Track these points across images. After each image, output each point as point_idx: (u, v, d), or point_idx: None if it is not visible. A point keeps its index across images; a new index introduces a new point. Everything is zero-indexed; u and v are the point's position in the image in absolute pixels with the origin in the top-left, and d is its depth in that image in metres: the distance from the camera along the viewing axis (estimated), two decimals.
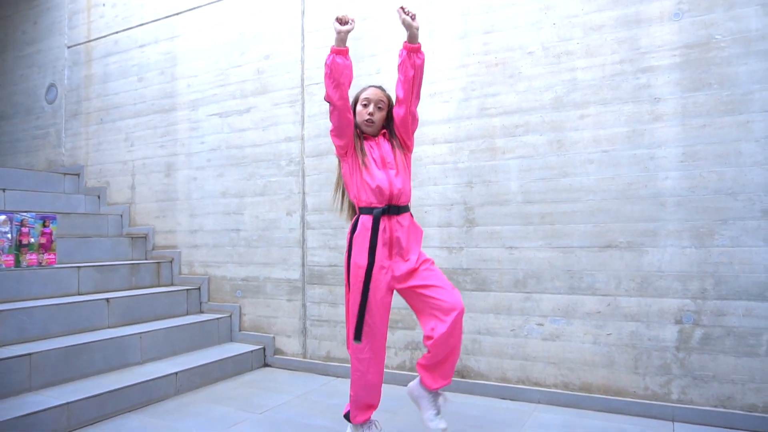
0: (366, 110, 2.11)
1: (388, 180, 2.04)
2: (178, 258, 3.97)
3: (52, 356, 2.62)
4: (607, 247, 2.62)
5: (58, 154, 4.77)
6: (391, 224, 2.05)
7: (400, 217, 2.06)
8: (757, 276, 2.33)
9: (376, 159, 2.08)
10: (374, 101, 2.11)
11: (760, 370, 2.31)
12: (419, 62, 2.03)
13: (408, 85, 2.06)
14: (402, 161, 2.10)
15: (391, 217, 2.05)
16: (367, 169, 2.06)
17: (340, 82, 2.00)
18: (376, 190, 2.03)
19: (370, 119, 2.10)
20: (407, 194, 2.10)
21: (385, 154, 2.09)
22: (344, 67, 2.01)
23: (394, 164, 2.08)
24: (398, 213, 2.06)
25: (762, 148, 2.34)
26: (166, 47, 4.14)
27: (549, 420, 2.47)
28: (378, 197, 2.04)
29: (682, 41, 2.49)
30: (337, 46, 2.00)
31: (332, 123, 2.08)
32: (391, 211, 2.04)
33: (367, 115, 2.10)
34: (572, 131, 2.71)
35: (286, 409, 2.67)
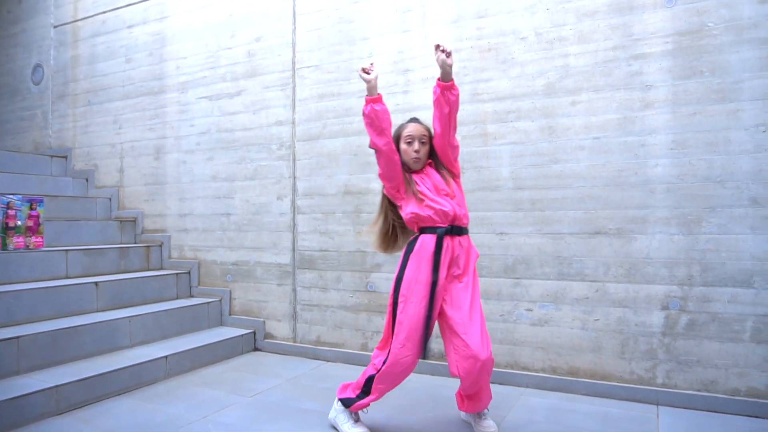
0: (411, 148, 2.14)
1: (450, 204, 2.09)
2: (167, 242, 3.95)
3: (41, 339, 2.61)
4: (596, 233, 2.64)
5: (45, 136, 4.70)
6: (453, 244, 2.09)
7: (461, 238, 2.11)
8: (743, 263, 2.36)
9: (429, 188, 2.12)
10: (417, 138, 2.14)
11: (744, 355, 2.35)
12: (453, 98, 2.08)
13: (444, 120, 2.10)
14: (454, 187, 2.14)
15: (453, 237, 2.09)
16: (426, 198, 2.09)
17: (382, 128, 2.07)
18: (440, 213, 2.07)
19: (416, 157, 2.14)
20: (467, 216, 2.15)
21: (437, 183, 2.13)
22: (383, 113, 2.07)
23: (448, 190, 2.12)
24: (459, 234, 2.11)
25: (751, 137, 2.35)
26: (154, 28, 4.07)
27: (536, 403, 2.51)
28: (442, 218, 2.08)
29: (674, 28, 2.49)
30: (370, 95, 2.07)
31: (380, 167, 2.13)
32: (453, 231, 2.09)
33: (413, 153, 2.13)
34: (564, 118, 2.71)
35: (276, 392, 2.68)
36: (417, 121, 2.22)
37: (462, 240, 2.11)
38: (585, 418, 2.32)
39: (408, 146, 2.14)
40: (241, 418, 2.34)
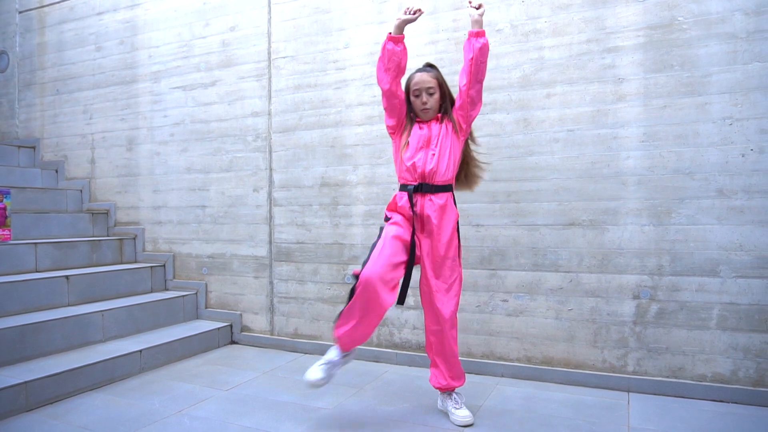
0: (419, 100, 2.18)
1: (423, 159, 2.13)
2: (141, 235, 3.88)
3: (8, 335, 2.54)
4: (570, 225, 2.68)
5: (11, 125, 4.55)
6: (423, 201, 2.15)
7: (434, 195, 2.15)
8: (710, 253, 2.43)
9: (421, 138, 2.17)
10: (424, 89, 2.18)
11: (710, 342, 2.43)
12: (479, 45, 2.12)
13: (468, 66, 2.14)
14: (447, 143, 2.17)
15: (425, 194, 2.14)
16: (407, 148, 2.17)
17: (389, 66, 2.12)
18: (411, 168, 2.15)
19: (425, 108, 2.18)
20: (443, 175, 2.16)
21: (433, 137, 2.17)
22: (393, 53, 2.12)
23: (437, 145, 2.15)
24: (432, 191, 2.14)
25: (718, 129, 2.41)
26: (125, 15, 3.97)
27: (512, 393, 2.54)
28: (411, 174, 2.15)
29: (646, 22, 2.53)
30: (393, 33, 2.14)
31: (384, 105, 2.21)
32: (424, 189, 2.14)
33: (421, 104, 2.18)
34: (539, 110, 2.73)
35: (253, 385, 2.67)
36: (427, 68, 2.24)
37: (435, 197, 2.14)
38: (559, 406, 2.36)
39: (416, 98, 2.19)
40: (217, 412, 2.32)
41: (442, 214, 2.15)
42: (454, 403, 2.22)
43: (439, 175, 2.14)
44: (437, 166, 2.14)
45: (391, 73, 2.14)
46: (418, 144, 2.16)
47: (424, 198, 2.15)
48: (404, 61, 2.16)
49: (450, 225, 2.17)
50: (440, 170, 2.14)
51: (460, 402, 2.22)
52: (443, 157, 2.15)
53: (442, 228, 2.15)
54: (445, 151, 2.16)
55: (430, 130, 2.18)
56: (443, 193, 2.16)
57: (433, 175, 2.14)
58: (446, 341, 2.20)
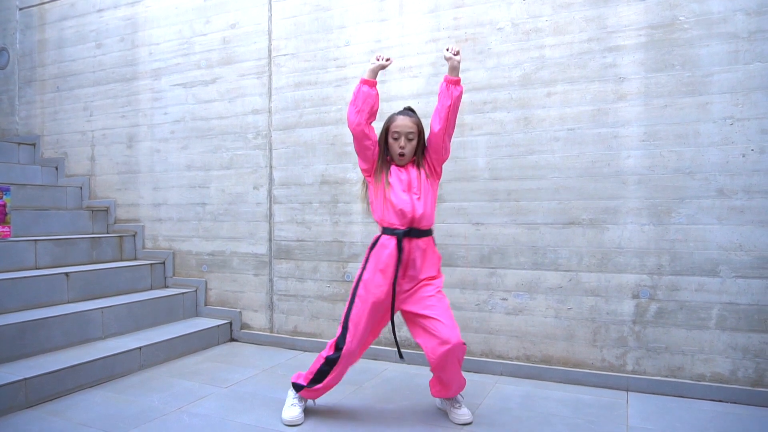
0: (397, 144, 2.16)
1: (411, 203, 2.11)
2: (141, 232, 3.88)
3: (8, 332, 2.54)
4: (570, 223, 2.68)
5: (11, 122, 4.55)
6: (411, 246, 2.12)
7: (420, 240, 2.13)
8: (709, 253, 2.43)
9: (402, 181, 2.14)
10: (404, 134, 2.15)
11: (709, 342, 2.43)
12: (456, 94, 2.12)
13: (444, 114, 2.12)
14: (427, 187, 2.16)
15: (411, 239, 2.12)
16: (392, 191, 2.13)
17: (362, 108, 2.12)
18: (399, 213, 2.11)
19: (401, 152, 2.16)
20: (429, 219, 2.15)
21: (412, 180, 2.15)
22: (367, 96, 2.12)
23: (418, 190, 2.14)
24: (418, 236, 2.13)
25: (719, 129, 2.41)
26: (126, 12, 3.96)
27: (511, 391, 2.55)
28: (400, 219, 2.11)
29: (647, 21, 2.53)
30: (366, 76, 2.14)
31: (356, 149, 2.19)
32: (412, 233, 2.12)
33: (398, 149, 2.16)
34: (539, 109, 2.73)
35: (252, 382, 2.67)
36: (408, 113, 2.21)
37: (420, 242, 2.13)
38: (557, 405, 2.37)
39: (394, 141, 2.16)
40: (217, 409, 2.32)
41: (425, 256, 2.14)
42: (454, 401, 2.22)
43: (425, 220, 2.13)
44: (424, 211, 2.12)
45: (364, 115, 2.12)
46: (401, 186, 2.13)
47: (411, 243, 2.12)
48: (377, 105, 2.15)
49: (434, 267, 2.17)
50: (426, 214, 2.13)
51: (459, 400, 2.22)
52: (427, 201, 2.14)
53: (425, 269, 2.14)
54: (427, 195, 2.15)
55: (408, 174, 2.16)
56: (426, 238, 2.16)
57: (421, 219, 2.11)
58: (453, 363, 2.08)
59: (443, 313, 2.07)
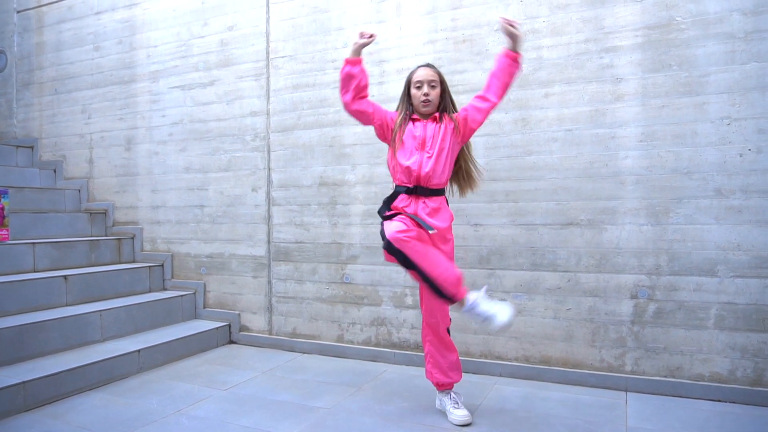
0: (420, 92, 2.16)
1: (419, 162, 2.11)
2: (139, 234, 3.88)
3: (6, 334, 2.54)
4: (568, 224, 2.68)
5: (9, 125, 4.55)
6: (417, 204, 2.13)
7: (428, 198, 2.13)
8: (707, 252, 2.43)
9: (416, 138, 2.14)
10: (426, 81, 2.15)
11: (708, 342, 2.43)
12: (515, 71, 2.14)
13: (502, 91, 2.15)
14: (447, 145, 2.14)
15: (419, 197, 2.13)
16: (402, 149, 2.14)
17: (347, 89, 2.14)
18: (406, 170, 2.12)
19: (426, 99, 2.16)
20: (439, 178, 2.14)
21: (428, 138, 2.14)
22: (351, 76, 2.13)
23: (432, 148, 2.13)
24: (426, 195, 2.13)
25: (716, 129, 2.42)
26: (123, 15, 3.97)
27: (510, 392, 2.55)
28: (407, 177, 2.13)
29: (644, 22, 2.53)
30: (351, 56, 2.16)
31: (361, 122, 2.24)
32: (419, 191, 2.12)
33: (422, 96, 2.16)
34: (537, 110, 2.73)
35: (252, 385, 2.67)
36: (428, 66, 2.22)
37: (429, 201, 2.13)
38: (557, 406, 2.37)
39: (417, 90, 2.16)
40: (216, 411, 2.32)
41: (435, 215, 2.13)
42: (452, 402, 2.22)
43: (435, 179, 2.12)
44: (433, 170, 2.11)
45: (352, 91, 2.14)
46: (413, 144, 2.14)
47: (419, 201, 2.13)
48: (364, 80, 2.15)
49: (444, 225, 2.15)
50: (436, 173, 2.12)
51: (458, 401, 2.22)
52: (439, 160, 2.12)
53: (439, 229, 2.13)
54: (442, 154, 2.13)
55: (425, 130, 2.15)
56: (437, 197, 2.15)
57: (428, 178, 2.11)
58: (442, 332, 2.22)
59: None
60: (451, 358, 2.26)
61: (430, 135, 2.14)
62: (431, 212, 2.13)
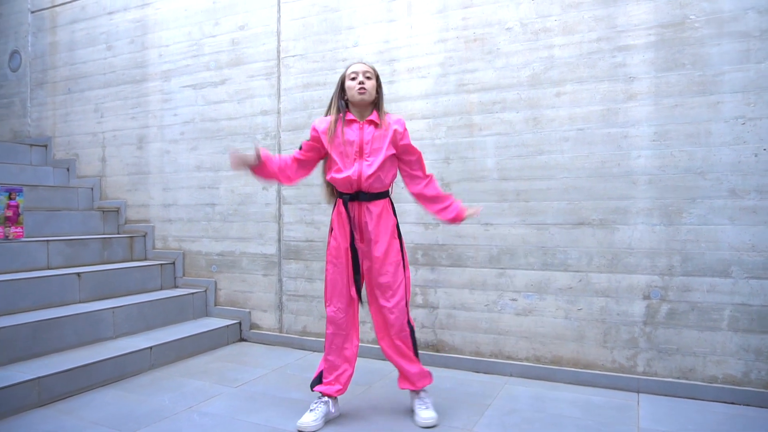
0: (356, 81, 2.14)
1: (359, 171, 2.10)
2: (151, 232, 3.91)
3: (21, 331, 2.57)
4: (580, 224, 2.66)
5: (23, 124, 4.60)
6: (361, 210, 2.14)
7: (370, 204, 2.13)
8: (721, 253, 2.41)
9: (353, 144, 2.11)
10: (361, 72, 2.15)
11: (721, 343, 2.41)
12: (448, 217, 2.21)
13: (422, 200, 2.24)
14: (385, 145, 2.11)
15: (361, 203, 2.13)
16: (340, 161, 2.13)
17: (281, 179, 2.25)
18: (344, 181, 2.12)
19: (361, 88, 2.13)
20: (381, 181, 2.13)
21: (366, 142, 2.12)
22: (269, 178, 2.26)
23: (371, 151, 2.11)
24: (368, 200, 2.13)
25: (731, 129, 2.39)
26: (136, 15, 4.00)
27: (520, 392, 2.54)
28: (347, 185, 2.13)
29: (657, 20, 2.51)
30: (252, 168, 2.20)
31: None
32: (360, 197, 2.13)
33: (358, 85, 2.13)
34: (548, 109, 2.72)
35: (262, 382, 2.68)
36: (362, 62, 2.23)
37: (371, 206, 2.13)
38: (568, 406, 2.36)
39: (352, 81, 2.14)
40: (227, 409, 2.33)
41: (378, 221, 2.13)
42: (419, 402, 2.20)
43: (376, 183, 2.11)
44: (373, 174, 2.09)
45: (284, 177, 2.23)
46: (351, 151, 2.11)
47: (361, 207, 2.13)
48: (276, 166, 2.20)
49: (387, 231, 2.14)
50: (375, 178, 2.10)
51: (426, 402, 2.20)
52: (379, 163, 2.10)
53: (380, 235, 2.13)
54: (379, 156, 2.10)
55: (362, 134, 2.12)
56: (379, 201, 2.14)
57: (369, 183, 2.10)
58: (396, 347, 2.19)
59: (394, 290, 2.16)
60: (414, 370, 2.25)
61: (368, 137, 2.12)
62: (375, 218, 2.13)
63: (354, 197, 2.13)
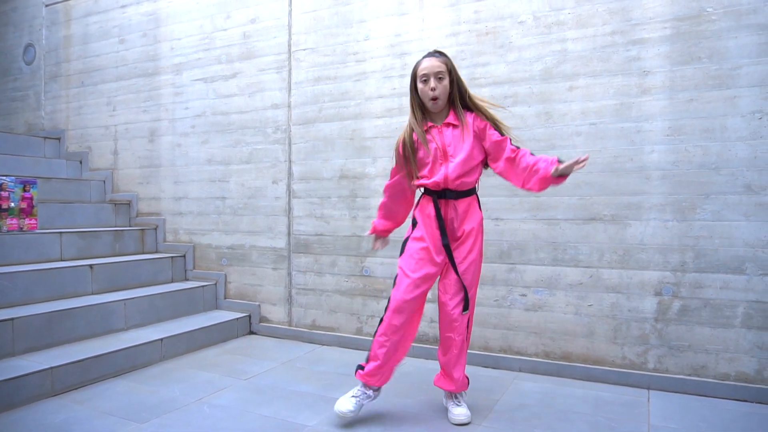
0: (427, 87, 2.05)
1: (444, 174, 2.08)
2: (162, 225, 3.94)
3: (35, 321, 2.60)
4: (591, 219, 2.64)
5: (37, 117, 4.65)
6: (448, 208, 2.12)
7: (456, 201, 2.11)
8: (735, 250, 2.38)
9: (438, 149, 2.09)
10: (432, 74, 2.04)
11: (734, 341, 2.38)
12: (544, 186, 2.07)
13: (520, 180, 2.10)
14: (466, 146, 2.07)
15: (448, 201, 2.11)
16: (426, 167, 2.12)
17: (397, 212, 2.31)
18: (433, 185, 2.10)
19: (434, 95, 2.05)
20: (467, 181, 2.10)
21: (447, 144, 2.09)
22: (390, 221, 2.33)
23: (454, 150, 2.08)
24: (455, 198, 2.10)
25: (747, 124, 2.35)
26: (148, 8, 4.01)
27: (529, 388, 2.53)
28: (434, 187, 2.11)
29: (673, 13, 2.47)
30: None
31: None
32: (447, 195, 2.11)
33: (430, 91, 2.05)
34: (561, 103, 2.69)
35: (271, 375, 2.70)
36: (435, 54, 2.09)
37: (458, 204, 2.10)
38: (577, 402, 2.34)
39: (424, 85, 2.05)
40: (236, 401, 2.35)
41: (465, 217, 2.12)
42: (454, 401, 2.19)
43: (463, 183, 2.09)
44: (459, 175, 2.07)
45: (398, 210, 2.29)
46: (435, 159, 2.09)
47: (448, 204, 2.11)
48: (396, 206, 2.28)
49: (473, 227, 2.12)
50: (462, 176, 2.08)
51: (460, 399, 2.19)
52: (464, 161, 2.07)
53: (466, 231, 2.11)
54: (463, 154, 2.06)
55: (442, 137, 2.09)
56: (467, 198, 2.13)
57: (453, 181, 2.08)
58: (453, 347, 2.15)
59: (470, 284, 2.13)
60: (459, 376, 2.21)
61: (449, 138, 2.09)
62: (461, 215, 2.11)
63: (442, 195, 2.10)
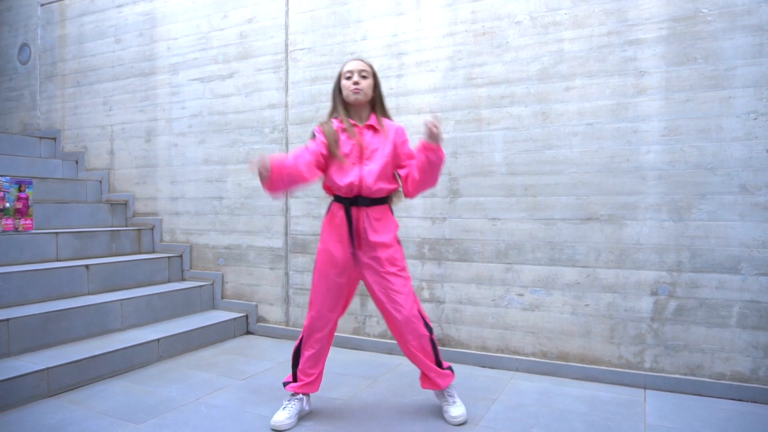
0: (350, 81, 2.09)
1: (359, 176, 2.04)
2: (159, 225, 3.93)
3: (31, 322, 2.59)
4: (588, 219, 2.65)
5: (33, 117, 4.63)
6: (360, 215, 2.07)
7: (369, 209, 2.07)
8: (731, 250, 2.39)
9: (353, 149, 2.05)
10: (356, 71, 2.09)
11: (730, 340, 2.39)
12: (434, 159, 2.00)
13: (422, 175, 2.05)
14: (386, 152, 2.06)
15: (360, 208, 2.06)
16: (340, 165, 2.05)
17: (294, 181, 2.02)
18: (345, 188, 2.05)
19: (356, 88, 2.08)
20: (385, 188, 2.07)
21: (366, 145, 2.07)
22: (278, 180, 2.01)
23: (371, 155, 2.06)
24: (368, 205, 2.06)
25: (742, 124, 2.36)
26: (144, 8, 4.00)
27: (526, 387, 2.54)
28: (347, 192, 2.06)
29: (669, 14, 2.48)
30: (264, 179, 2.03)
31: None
32: (359, 202, 2.06)
33: (352, 85, 2.08)
34: (557, 103, 2.70)
35: (268, 375, 2.70)
36: (358, 59, 2.16)
37: (370, 211, 2.06)
38: (574, 402, 2.35)
39: (347, 80, 2.09)
40: (234, 401, 2.35)
41: (379, 226, 2.07)
42: (448, 399, 2.17)
43: (376, 187, 2.04)
44: (376, 181, 2.03)
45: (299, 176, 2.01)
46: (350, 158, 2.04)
47: (361, 212, 2.06)
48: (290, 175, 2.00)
49: (390, 236, 2.09)
50: (377, 183, 2.04)
51: (454, 398, 2.17)
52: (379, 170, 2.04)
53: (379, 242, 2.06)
54: (379, 162, 2.04)
55: (362, 137, 2.06)
56: (380, 206, 2.09)
57: (368, 187, 2.04)
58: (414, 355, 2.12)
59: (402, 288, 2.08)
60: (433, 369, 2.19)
61: (368, 141, 2.07)
62: (375, 222, 2.07)
63: (354, 202, 2.06)
